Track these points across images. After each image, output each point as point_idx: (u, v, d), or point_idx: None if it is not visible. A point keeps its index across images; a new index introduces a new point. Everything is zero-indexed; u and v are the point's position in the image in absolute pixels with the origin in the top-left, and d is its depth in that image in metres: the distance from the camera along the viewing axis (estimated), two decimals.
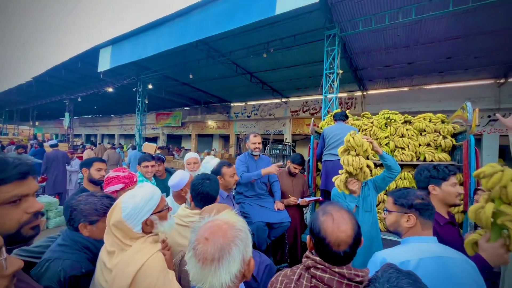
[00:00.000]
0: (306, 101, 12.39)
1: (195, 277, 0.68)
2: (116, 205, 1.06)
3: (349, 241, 0.84)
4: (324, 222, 0.88)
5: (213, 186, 1.49)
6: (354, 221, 0.89)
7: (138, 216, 1.04)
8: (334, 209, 0.91)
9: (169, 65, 9.14)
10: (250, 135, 2.73)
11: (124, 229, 1.02)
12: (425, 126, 2.99)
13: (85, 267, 1.06)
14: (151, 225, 1.09)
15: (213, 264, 0.66)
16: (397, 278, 0.66)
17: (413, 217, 1.18)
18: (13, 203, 0.71)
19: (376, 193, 2.10)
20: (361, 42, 6.85)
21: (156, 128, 18.29)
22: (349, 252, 0.84)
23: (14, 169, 0.71)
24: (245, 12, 5.03)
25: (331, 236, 0.84)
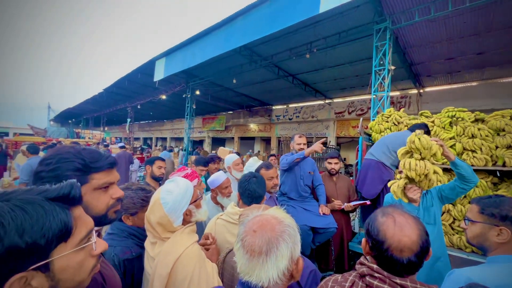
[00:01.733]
0: (352, 102, 11.69)
1: (243, 268, 0.68)
2: (155, 202, 1.11)
3: (414, 248, 0.74)
4: (383, 223, 0.79)
5: (260, 184, 1.50)
6: (421, 227, 0.78)
7: (179, 208, 1.11)
8: (397, 211, 0.82)
9: (214, 71, 9.65)
10: (295, 136, 2.71)
11: (167, 224, 1.09)
12: (504, 125, 2.51)
13: (134, 251, 1.19)
14: (190, 214, 1.17)
15: (260, 256, 0.66)
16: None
17: (507, 232, 0.97)
18: (104, 189, 0.82)
19: (441, 203, 1.82)
20: (417, 34, 6.16)
21: (202, 131, 19.46)
22: (414, 261, 0.73)
23: (106, 160, 0.83)
24: (287, 14, 5.00)
25: (392, 239, 0.75)
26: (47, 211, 0.46)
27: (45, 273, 0.46)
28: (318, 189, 2.64)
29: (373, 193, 2.50)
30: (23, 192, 0.48)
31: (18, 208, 0.44)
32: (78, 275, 0.51)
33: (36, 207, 0.46)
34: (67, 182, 0.54)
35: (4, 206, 0.43)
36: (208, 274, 1.04)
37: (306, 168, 2.64)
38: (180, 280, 0.99)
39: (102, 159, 0.82)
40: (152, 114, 20.70)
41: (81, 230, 0.53)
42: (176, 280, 0.99)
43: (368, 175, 2.56)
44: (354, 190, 2.82)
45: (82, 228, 0.53)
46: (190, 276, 0.99)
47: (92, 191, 0.79)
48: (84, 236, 0.53)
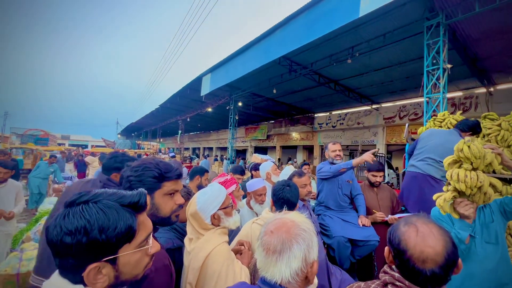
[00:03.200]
0: (404, 106, 10.68)
1: (260, 265, 0.75)
2: (193, 199, 1.29)
3: (439, 259, 0.70)
4: (405, 232, 0.77)
5: (293, 193, 1.55)
6: (447, 238, 0.74)
7: (208, 209, 1.24)
8: (420, 220, 0.79)
9: (255, 83, 10.01)
10: (329, 144, 2.65)
11: (199, 219, 1.24)
12: None
13: (176, 242, 1.37)
14: (218, 219, 1.27)
15: (274, 255, 0.72)
16: None
17: None
18: (171, 195, 1.01)
19: (504, 219, 1.56)
20: (480, 26, 5.41)
21: (245, 141, 20.10)
22: (438, 273, 0.70)
23: (175, 171, 1.03)
24: (325, 21, 4.97)
25: (414, 249, 0.73)
26: (120, 216, 0.57)
27: (112, 265, 0.57)
28: (357, 199, 2.50)
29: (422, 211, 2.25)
30: (108, 196, 0.60)
31: (101, 211, 0.56)
32: (135, 269, 0.62)
33: (113, 211, 0.57)
34: (138, 191, 0.65)
35: (93, 208, 0.56)
36: (235, 273, 1.13)
37: (344, 177, 2.54)
38: (209, 274, 1.10)
39: (172, 170, 1.01)
40: (199, 126, 22.35)
41: (142, 234, 0.62)
42: (207, 274, 1.11)
43: (414, 191, 2.27)
44: (398, 202, 2.59)
45: (143, 232, 0.63)
46: (218, 272, 1.09)
47: (162, 196, 0.98)
48: (144, 239, 0.63)
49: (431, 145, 2.31)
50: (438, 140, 2.28)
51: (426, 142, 2.39)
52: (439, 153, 2.15)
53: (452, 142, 1.69)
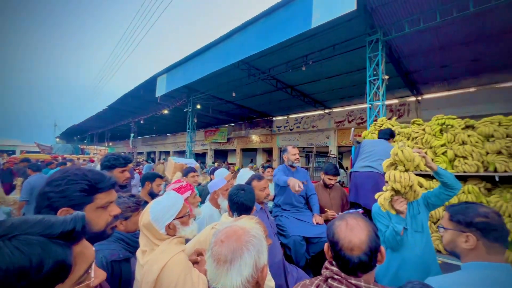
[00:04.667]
0: (352, 111, 11.77)
1: (211, 276, 0.74)
2: (146, 209, 1.23)
3: (363, 247, 0.81)
4: (338, 226, 0.88)
5: (248, 197, 1.56)
6: (371, 229, 0.86)
7: (163, 219, 1.18)
8: (351, 216, 0.90)
9: (214, 85, 9.89)
10: (289, 147, 2.76)
11: (152, 230, 1.17)
12: (492, 130, 2.55)
13: (122, 254, 1.26)
14: (174, 229, 1.22)
15: (225, 265, 0.71)
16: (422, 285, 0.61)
17: (473, 238, 1.00)
18: (104, 207, 0.90)
19: (428, 210, 1.83)
20: (410, 44, 6.32)
21: (204, 144, 19.62)
22: (364, 260, 0.80)
23: (108, 181, 0.91)
24: (281, 30, 5.20)
25: (344, 239, 0.83)
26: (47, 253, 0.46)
27: None
28: (311, 199, 2.66)
29: None
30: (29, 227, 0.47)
31: (18, 252, 0.43)
32: None
33: (36, 248, 0.45)
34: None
35: (4, 248, 0.43)
36: (193, 283, 1.09)
37: (300, 179, 2.67)
38: (165, 286, 1.05)
39: (105, 180, 0.90)
40: (155, 129, 21.04)
41: (81, 267, 0.52)
42: (162, 286, 1.05)
43: (369, 188, 2.50)
44: (348, 200, 2.84)
45: (82, 265, 0.53)
46: (175, 283, 1.05)
47: (94, 210, 0.86)
48: (83, 273, 0.53)
49: (380, 149, 2.62)
50: (382, 146, 2.61)
51: (373, 147, 2.69)
52: (387, 156, 2.44)
53: (389, 148, 1.95)
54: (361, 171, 2.61)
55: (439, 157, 2.76)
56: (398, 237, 1.68)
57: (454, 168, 2.64)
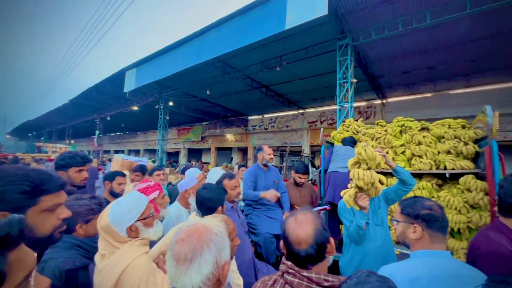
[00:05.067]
0: (323, 112, 12.25)
1: (171, 276, 0.72)
2: (106, 210, 1.15)
3: (310, 240, 0.84)
4: (287, 222, 0.90)
5: (212, 195, 1.53)
6: (318, 222, 0.89)
7: (123, 221, 1.12)
8: (301, 211, 0.93)
9: (188, 82, 9.62)
10: (265, 147, 2.80)
11: (112, 233, 1.11)
12: (443, 132, 2.83)
13: (79, 261, 1.16)
14: (136, 231, 1.16)
15: (185, 263, 0.70)
16: (367, 276, 0.65)
17: (419, 228, 1.10)
18: (51, 210, 0.81)
19: (387, 205, 1.98)
20: (375, 50, 6.74)
21: (177, 143, 19.02)
22: (310, 253, 0.83)
23: (56, 182, 0.83)
24: (256, 29, 5.22)
25: (292, 234, 0.86)
26: None
27: None
28: (282, 197, 2.73)
29: None
30: None
31: None
32: None
33: None
34: (6, 220, 0.49)
35: None
36: (157, 285, 1.05)
37: (271, 178, 2.73)
38: None
39: (52, 180, 0.81)
40: (123, 126, 19.87)
41: (18, 275, 0.49)
42: None
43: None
44: (317, 197, 2.96)
45: (19, 273, 0.49)
46: (137, 286, 1.00)
47: (39, 214, 0.77)
48: (22, 281, 0.49)
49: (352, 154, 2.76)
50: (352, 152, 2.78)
51: (347, 151, 2.84)
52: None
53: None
54: (341, 171, 2.70)
55: (399, 156, 2.99)
56: (361, 232, 1.79)
57: (411, 166, 2.88)
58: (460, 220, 2.42)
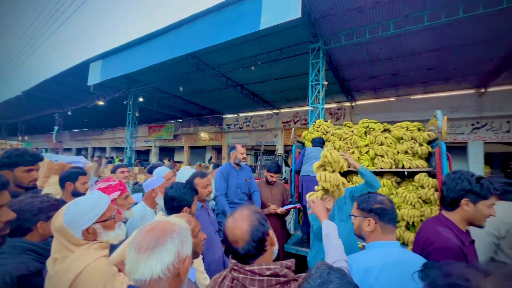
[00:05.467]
0: (297, 112, 12.57)
1: (129, 267, 0.71)
2: (61, 210, 1.07)
3: (246, 237, 0.85)
4: (226, 222, 0.92)
5: (177, 194, 1.49)
6: (255, 218, 0.90)
7: (80, 223, 1.04)
8: (240, 209, 0.94)
9: (159, 78, 9.24)
10: (238, 146, 2.79)
11: (66, 234, 1.02)
12: (402, 134, 3.08)
13: (32, 266, 1.08)
14: (94, 233, 1.09)
15: (146, 252, 0.70)
16: (327, 273, 0.68)
17: (372, 222, 1.19)
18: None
19: (352, 202, 2.10)
20: (345, 55, 7.09)
21: (148, 140, 18.18)
22: (249, 250, 0.85)
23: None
24: (231, 27, 5.19)
25: (229, 234, 0.88)
26: None
27: None
28: (254, 195, 2.76)
29: None
30: None
31: None
32: None
33: None
34: None
35: None
36: None
37: (243, 176, 2.74)
38: None
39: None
40: (87, 122, 18.46)
41: None
42: None
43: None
44: (288, 195, 3.04)
45: None
46: None
47: None
48: None
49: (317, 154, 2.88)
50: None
51: (317, 153, 2.93)
52: None
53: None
54: (313, 175, 2.79)
55: (364, 155, 3.18)
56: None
57: (374, 165, 3.09)
58: (414, 214, 2.66)
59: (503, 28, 5.33)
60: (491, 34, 5.60)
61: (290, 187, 3.22)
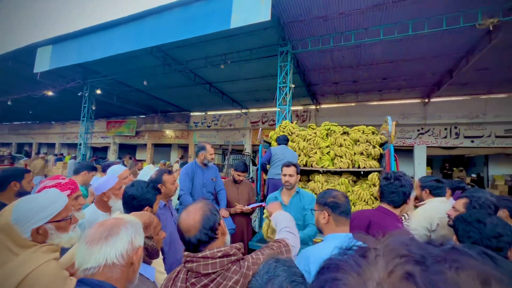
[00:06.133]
0: (265, 113, 12.79)
1: (81, 259, 0.71)
2: (9, 206, 0.97)
3: (198, 226, 0.92)
4: (180, 215, 0.98)
5: (138, 193, 1.43)
6: (207, 208, 0.97)
7: (30, 221, 0.95)
8: (195, 202, 1.02)
9: (121, 70, 8.61)
10: (208, 146, 2.77)
11: (12, 234, 0.92)
12: (359, 136, 3.35)
13: None
14: (44, 234, 0.99)
15: (100, 241, 0.71)
16: (274, 267, 0.71)
17: (326, 214, 1.29)
18: None
19: None
20: (312, 60, 7.44)
21: (106, 137, 16.80)
22: (200, 237, 0.91)
23: None
24: (201, 23, 5.08)
25: (182, 224, 0.94)
26: None
27: None
28: (219, 194, 2.76)
29: None
30: None
31: None
32: None
33: None
34: None
35: None
36: None
37: (209, 175, 2.72)
38: None
39: None
40: (32, 114, 16.34)
41: None
42: None
43: None
44: (254, 194, 3.11)
45: None
46: None
47: None
48: None
49: (288, 157, 3.00)
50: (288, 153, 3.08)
51: (283, 155, 3.05)
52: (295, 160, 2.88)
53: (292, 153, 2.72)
54: (277, 178, 2.91)
55: (325, 155, 3.39)
56: None
57: (334, 165, 3.31)
58: None
59: (444, 47, 6.13)
60: (434, 52, 6.40)
61: (256, 186, 3.28)
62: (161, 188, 1.74)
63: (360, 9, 5.03)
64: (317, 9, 5.17)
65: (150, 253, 1.13)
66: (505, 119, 8.75)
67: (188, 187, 2.58)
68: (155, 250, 1.15)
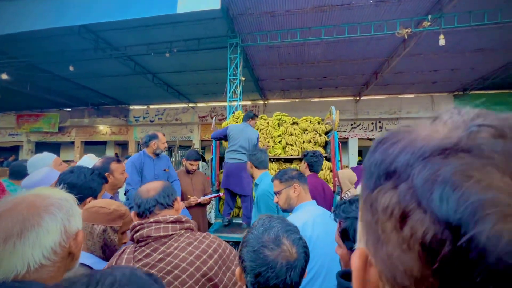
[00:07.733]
0: (214, 107, 12.55)
1: None
2: None
3: (158, 189, 1.02)
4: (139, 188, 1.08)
5: (79, 181, 1.22)
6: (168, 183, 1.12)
7: None
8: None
9: (37, 52, 7.14)
10: (159, 134, 2.58)
11: None
12: (307, 126, 3.62)
13: None
14: None
15: (8, 241, 0.52)
16: (269, 221, 0.76)
17: (298, 185, 1.39)
18: None
19: None
20: (260, 55, 7.61)
21: (16, 134, 13.80)
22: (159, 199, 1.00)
23: None
24: (143, 4, 4.61)
25: (143, 187, 1.05)
26: None
27: None
28: (173, 185, 2.58)
29: (249, 189, 2.77)
30: None
31: None
32: None
33: None
34: None
35: None
36: None
37: (161, 166, 2.52)
38: None
39: None
40: None
41: None
42: None
43: (244, 177, 2.74)
44: (209, 184, 3.03)
45: None
46: None
47: None
48: None
49: (243, 138, 2.89)
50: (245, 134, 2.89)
51: (238, 137, 2.91)
52: (247, 144, 2.82)
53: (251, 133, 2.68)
54: (230, 162, 2.85)
55: (277, 144, 3.55)
56: None
57: (286, 152, 3.50)
58: None
59: (371, 51, 7.09)
60: (363, 55, 7.34)
61: (211, 178, 3.20)
62: (108, 178, 1.52)
63: (304, 9, 5.38)
64: (265, 4, 5.30)
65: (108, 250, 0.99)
66: (414, 115, 10.73)
67: (136, 181, 2.34)
68: (113, 249, 1.00)
